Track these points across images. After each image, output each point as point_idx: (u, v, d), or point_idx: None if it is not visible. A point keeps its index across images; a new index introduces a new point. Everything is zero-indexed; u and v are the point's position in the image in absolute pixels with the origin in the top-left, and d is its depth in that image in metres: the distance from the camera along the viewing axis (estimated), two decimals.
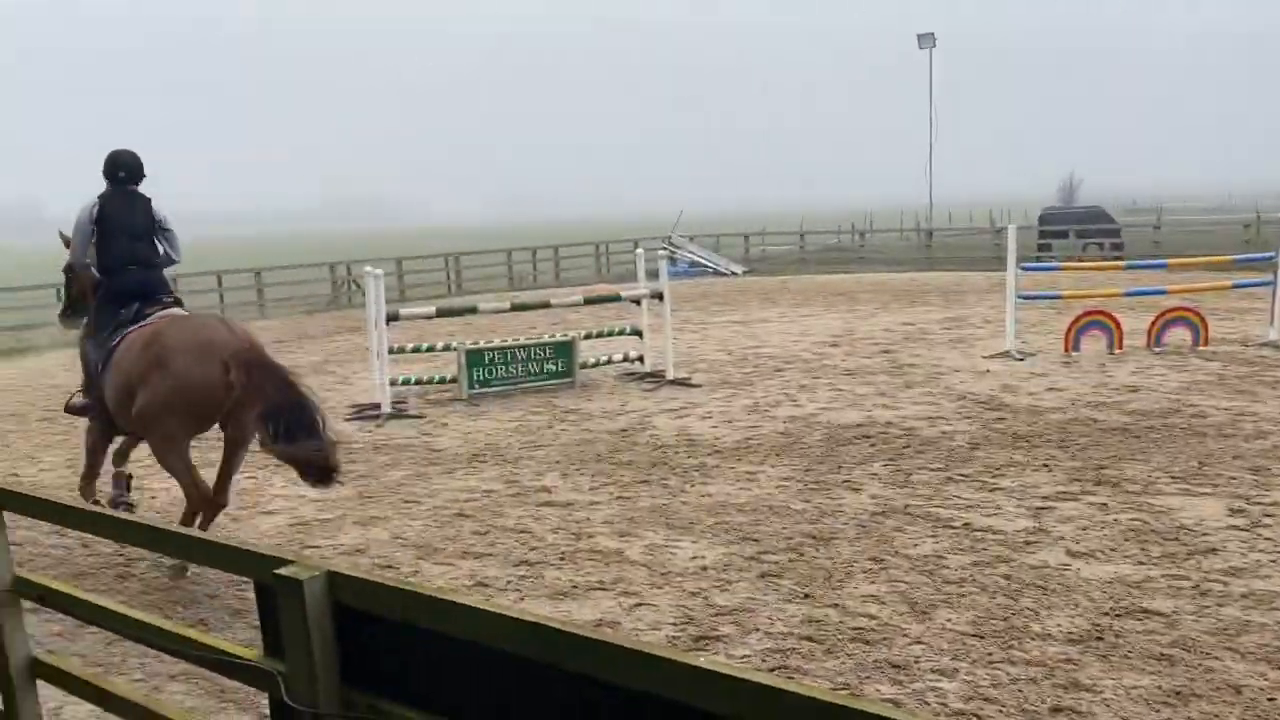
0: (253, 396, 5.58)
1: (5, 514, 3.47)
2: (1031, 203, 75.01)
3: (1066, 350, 12.61)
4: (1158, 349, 12.56)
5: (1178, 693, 4.13)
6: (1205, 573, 5.41)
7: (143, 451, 9.70)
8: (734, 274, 30.41)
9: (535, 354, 11.90)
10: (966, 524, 6.38)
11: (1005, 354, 12.63)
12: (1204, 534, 6.01)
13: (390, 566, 6.05)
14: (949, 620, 4.93)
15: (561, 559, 6.06)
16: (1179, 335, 12.80)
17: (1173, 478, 7.19)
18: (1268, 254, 13.61)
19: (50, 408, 12.30)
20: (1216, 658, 4.42)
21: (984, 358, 12.68)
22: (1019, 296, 12.96)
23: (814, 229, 39.63)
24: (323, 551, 6.40)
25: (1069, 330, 12.78)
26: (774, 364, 13.02)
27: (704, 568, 5.80)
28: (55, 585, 3.41)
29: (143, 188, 6.53)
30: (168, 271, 6.80)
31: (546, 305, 13.01)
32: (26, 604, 3.59)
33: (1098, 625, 4.79)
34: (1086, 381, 10.90)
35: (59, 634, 5.28)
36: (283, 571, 2.30)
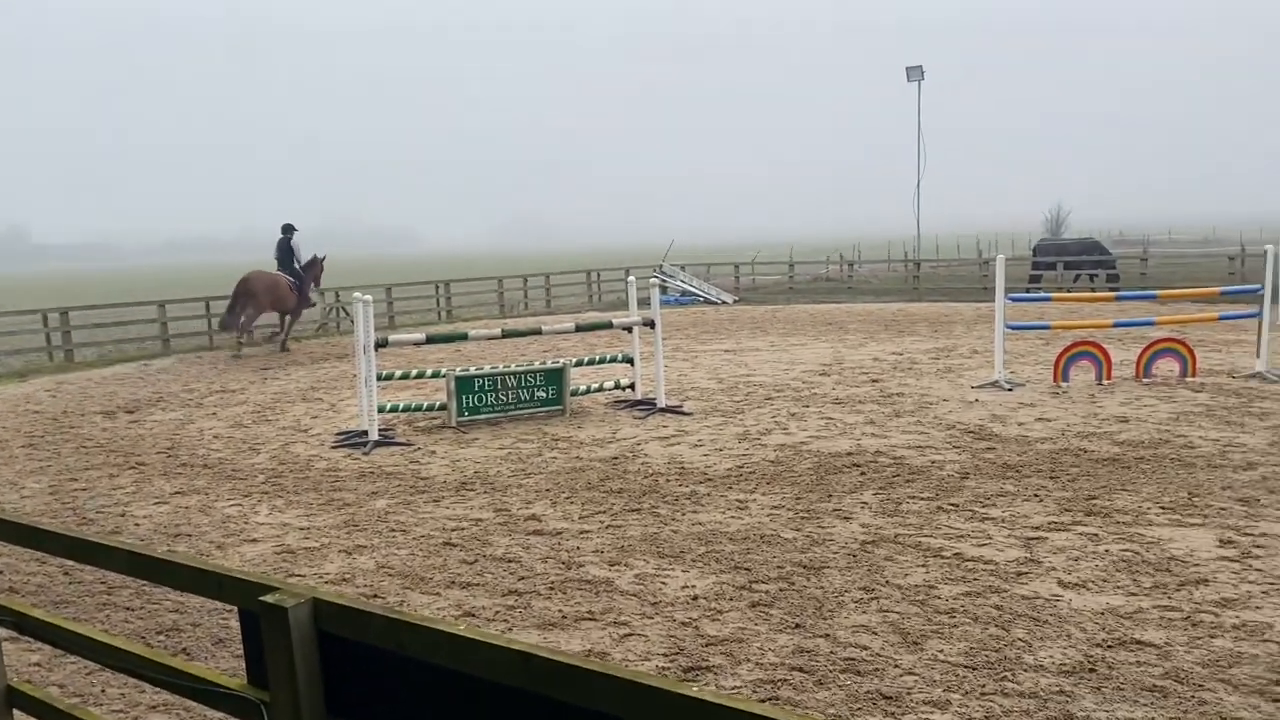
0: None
1: None
2: (1019, 235, 75.51)
3: (1055, 381, 12.64)
4: (1146, 380, 12.60)
5: None
6: (1197, 604, 5.38)
7: (128, 479, 9.64)
8: (725, 303, 30.45)
9: (526, 381, 11.86)
10: (957, 554, 6.35)
11: (994, 384, 12.65)
12: (1195, 565, 5.99)
13: (376, 596, 5.99)
14: (941, 651, 4.89)
15: (550, 588, 6.00)
16: (1167, 366, 12.84)
17: (1163, 508, 7.18)
18: (1253, 287, 13.70)
19: (34, 434, 12.19)
20: (1210, 689, 4.39)
21: (972, 387, 12.70)
22: (1007, 327, 13.00)
23: (803, 259, 39.76)
24: (307, 580, 6.33)
25: (1058, 361, 12.82)
26: (764, 392, 13.01)
27: (695, 597, 5.75)
28: (33, 612, 3.35)
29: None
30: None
31: (538, 332, 12.96)
32: (3, 632, 3.52)
33: (1090, 657, 4.76)
34: (1076, 412, 10.91)
35: (37, 664, 5.19)
36: (267, 599, 2.26)
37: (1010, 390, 12.35)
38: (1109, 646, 4.87)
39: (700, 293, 31.16)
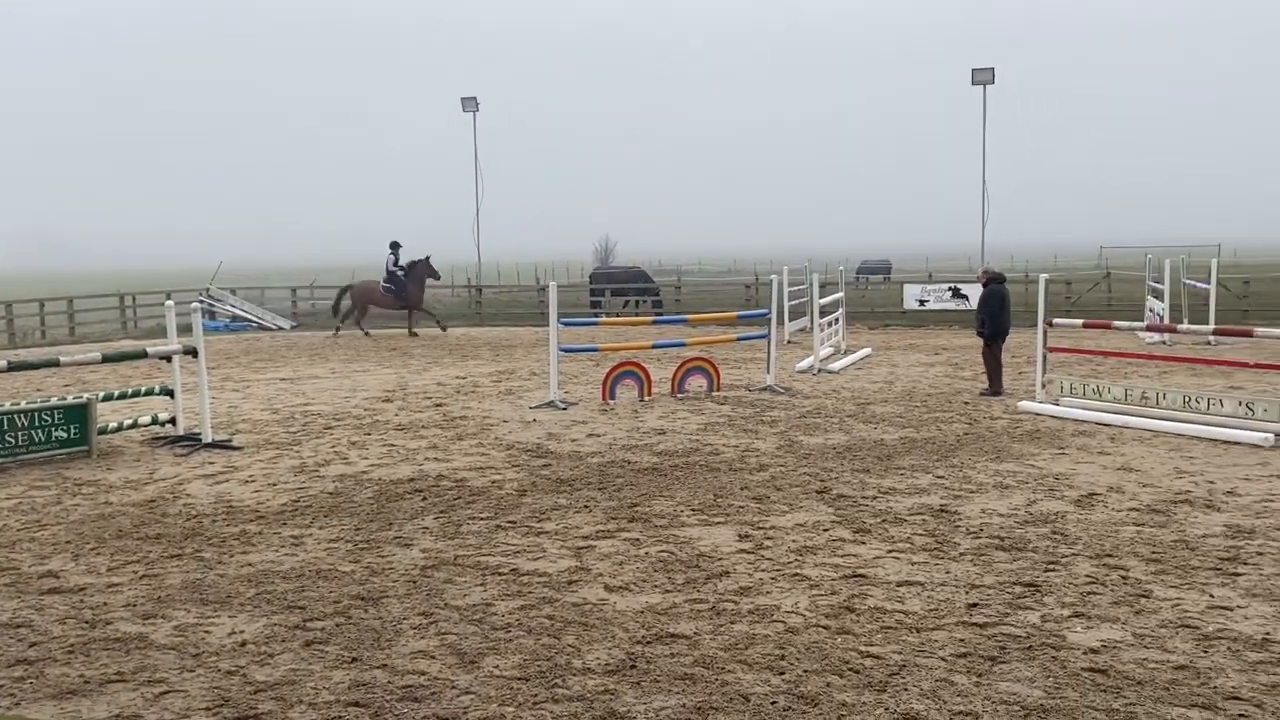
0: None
1: None
2: (573, 263, 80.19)
3: (604, 399, 13.54)
4: (680, 395, 13.90)
5: (699, 708, 4.54)
6: (720, 594, 6.03)
7: None
8: (281, 329, 29.04)
9: (40, 420, 10.43)
10: (514, 569, 6.57)
11: (550, 404, 13.28)
12: (719, 559, 6.71)
13: None
14: (497, 666, 5.02)
15: (70, 652, 5.32)
16: (697, 383, 14.28)
17: (693, 510, 7.97)
18: (762, 311, 15.68)
19: None
20: (730, 671, 4.93)
21: (531, 408, 13.23)
22: (561, 349, 13.72)
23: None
24: None
25: (606, 380, 13.75)
26: (324, 421, 12.57)
27: (243, 643, 5.39)
28: None
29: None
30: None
31: (55, 364, 11.46)
32: None
33: (631, 654, 5.14)
34: (621, 427, 11.78)
35: None
36: None
37: (565, 409, 13.03)
38: (648, 642, 5.29)
39: (253, 318, 29.47)
